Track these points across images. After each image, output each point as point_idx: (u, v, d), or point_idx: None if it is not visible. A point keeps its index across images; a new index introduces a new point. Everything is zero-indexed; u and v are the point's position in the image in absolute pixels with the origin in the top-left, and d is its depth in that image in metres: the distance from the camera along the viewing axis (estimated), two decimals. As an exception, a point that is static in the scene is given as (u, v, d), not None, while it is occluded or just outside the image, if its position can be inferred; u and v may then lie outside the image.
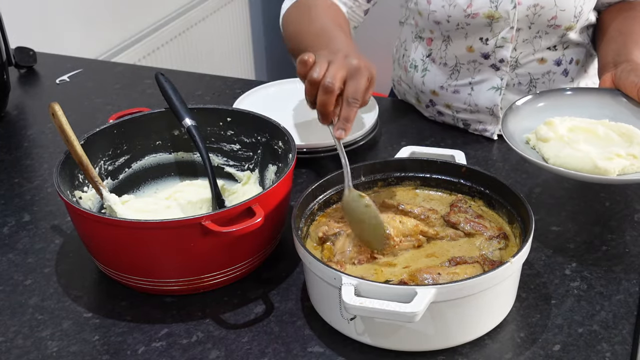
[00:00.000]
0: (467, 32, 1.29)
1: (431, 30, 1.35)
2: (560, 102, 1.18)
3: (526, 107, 1.17)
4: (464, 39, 1.31)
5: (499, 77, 1.32)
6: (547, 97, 1.19)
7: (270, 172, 1.15)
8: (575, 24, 1.28)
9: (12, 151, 1.40)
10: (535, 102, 1.18)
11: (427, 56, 1.38)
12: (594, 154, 1.04)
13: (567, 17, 1.26)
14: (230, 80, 1.64)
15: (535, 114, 1.16)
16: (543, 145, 1.09)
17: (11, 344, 0.96)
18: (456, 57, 1.34)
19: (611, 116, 1.13)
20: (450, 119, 1.41)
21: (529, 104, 1.18)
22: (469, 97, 1.35)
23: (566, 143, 1.07)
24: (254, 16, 3.09)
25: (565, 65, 1.35)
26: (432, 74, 1.38)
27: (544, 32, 1.29)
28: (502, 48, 1.29)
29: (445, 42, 1.34)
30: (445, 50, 1.35)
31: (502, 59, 1.30)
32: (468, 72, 1.34)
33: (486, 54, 1.31)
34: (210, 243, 0.96)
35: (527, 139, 1.12)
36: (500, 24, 1.27)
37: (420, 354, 0.91)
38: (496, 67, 1.32)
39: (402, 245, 0.99)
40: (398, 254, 0.98)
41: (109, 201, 1.07)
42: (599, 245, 1.08)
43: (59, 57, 1.80)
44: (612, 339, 0.92)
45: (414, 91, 1.44)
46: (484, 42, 1.30)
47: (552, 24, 1.27)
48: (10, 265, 1.10)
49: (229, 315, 0.99)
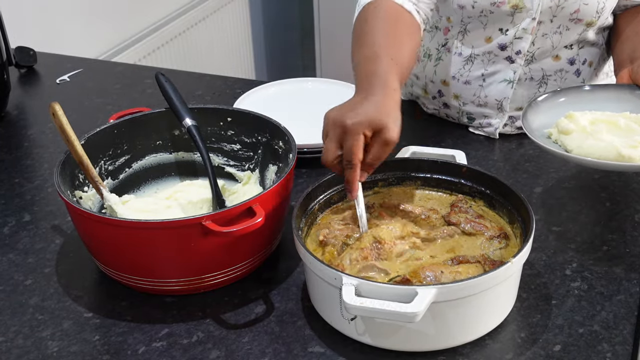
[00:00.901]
0: (488, 20, 1.29)
1: (448, 19, 1.34)
2: (579, 98, 1.19)
3: (546, 103, 1.18)
4: (483, 29, 1.31)
5: (512, 70, 1.32)
6: (566, 93, 1.20)
7: (270, 172, 1.15)
8: (596, 20, 1.28)
9: (12, 151, 1.40)
10: (555, 98, 1.19)
11: (442, 45, 1.38)
12: (618, 142, 1.04)
13: (590, 11, 1.27)
14: (231, 80, 1.64)
15: (555, 109, 1.16)
16: (565, 138, 1.09)
17: (11, 344, 0.96)
18: (472, 47, 1.34)
19: (631, 109, 1.14)
20: (455, 112, 1.41)
21: (549, 100, 1.18)
22: (480, 89, 1.36)
23: (589, 134, 1.07)
24: (254, 16, 3.09)
25: (578, 65, 1.35)
26: (445, 64, 1.38)
27: (565, 28, 1.29)
28: (521, 40, 1.29)
29: (462, 33, 1.34)
30: (462, 40, 1.34)
31: (520, 50, 1.30)
32: (482, 64, 1.34)
33: (504, 45, 1.31)
34: (211, 243, 0.96)
35: (549, 133, 1.13)
36: (522, 15, 1.27)
37: (420, 354, 0.91)
38: (511, 59, 1.31)
39: (398, 248, 0.98)
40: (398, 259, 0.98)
41: (109, 201, 1.07)
42: (599, 246, 1.08)
43: (59, 56, 1.80)
44: (613, 339, 0.92)
45: (422, 82, 1.44)
46: (503, 33, 1.30)
47: (575, 17, 1.27)
48: (11, 265, 1.10)
49: (229, 315, 0.99)
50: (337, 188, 1.06)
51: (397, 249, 0.98)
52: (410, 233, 1.00)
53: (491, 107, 1.36)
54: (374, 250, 0.97)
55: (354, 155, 0.96)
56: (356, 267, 0.95)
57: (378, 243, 0.97)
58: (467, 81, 1.36)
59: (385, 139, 0.97)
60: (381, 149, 0.98)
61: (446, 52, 1.38)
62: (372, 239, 0.98)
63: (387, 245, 0.97)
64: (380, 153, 0.98)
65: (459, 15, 1.32)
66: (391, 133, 0.97)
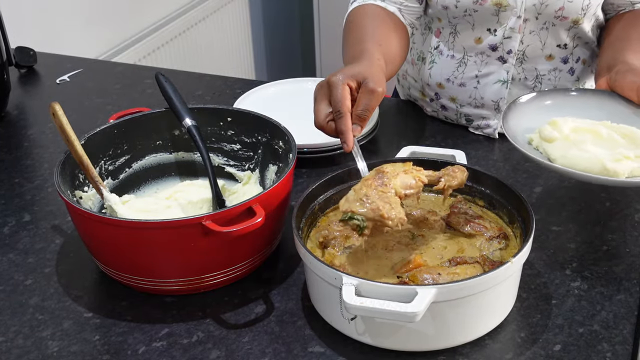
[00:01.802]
0: (474, 20, 1.30)
1: (439, 19, 1.35)
2: (564, 102, 1.17)
3: (529, 105, 1.16)
4: (472, 30, 1.32)
5: (505, 71, 1.33)
6: (552, 95, 1.19)
7: (270, 172, 1.15)
8: (582, 17, 1.28)
9: (12, 151, 1.40)
10: (539, 100, 1.18)
11: (435, 48, 1.39)
12: (602, 155, 1.03)
13: (575, 9, 1.26)
14: (231, 80, 1.64)
15: (538, 112, 1.15)
16: (548, 146, 1.07)
17: (11, 344, 0.96)
18: (464, 48, 1.34)
19: (611, 117, 1.13)
20: (453, 113, 1.41)
21: (533, 102, 1.17)
22: (475, 91, 1.36)
23: (572, 143, 1.06)
24: (254, 16, 3.09)
25: (571, 64, 1.35)
26: (439, 66, 1.39)
27: (551, 24, 1.29)
28: (510, 39, 1.30)
29: (453, 34, 1.34)
30: (453, 42, 1.35)
31: (510, 50, 1.31)
32: (475, 65, 1.35)
33: (494, 45, 1.31)
34: (211, 243, 0.96)
35: (529, 139, 1.11)
36: (507, 13, 1.27)
37: (420, 354, 0.91)
38: (503, 59, 1.32)
39: (401, 180, 0.96)
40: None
41: (109, 201, 1.07)
42: (599, 245, 1.08)
43: (59, 57, 1.80)
44: (613, 339, 0.92)
45: (419, 84, 1.44)
46: (492, 33, 1.30)
47: (560, 15, 1.27)
48: (11, 265, 1.10)
49: (229, 315, 0.99)
50: (337, 188, 1.06)
51: (400, 180, 0.96)
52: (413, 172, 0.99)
53: (488, 108, 1.36)
54: (378, 179, 0.95)
55: (341, 104, 1.01)
56: (359, 194, 0.94)
57: (381, 173, 0.96)
58: (462, 83, 1.37)
59: (370, 88, 1.02)
60: (368, 98, 1.02)
61: (439, 55, 1.38)
62: (375, 172, 0.97)
63: (389, 175, 0.96)
64: (368, 102, 1.02)
65: (444, 16, 1.32)
66: (375, 81, 1.03)
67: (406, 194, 0.96)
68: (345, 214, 0.93)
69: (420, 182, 0.97)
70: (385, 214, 0.91)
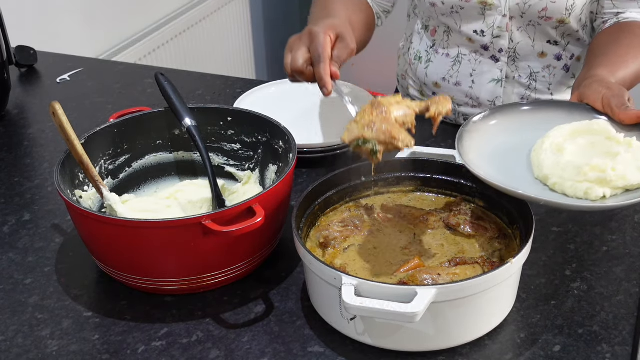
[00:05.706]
0: (461, 18, 1.31)
1: (430, 17, 1.36)
2: (512, 119, 1.09)
3: (480, 125, 1.08)
4: (461, 28, 1.33)
5: (498, 69, 1.34)
6: (499, 114, 1.10)
7: (270, 172, 1.15)
8: (567, 17, 1.28)
9: (12, 150, 1.40)
10: (487, 120, 1.09)
11: (431, 47, 1.40)
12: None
13: (559, 9, 1.27)
14: (231, 79, 1.64)
15: (488, 132, 1.07)
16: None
17: (11, 343, 0.96)
18: (458, 47, 1.35)
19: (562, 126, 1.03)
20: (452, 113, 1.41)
21: (483, 122, 1.09)
22: (470, 90, 1.37)
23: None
24: (254, 16, 3.09)
25: (565, 61, 1.35)
26: (435, 66, 1.40)
27: (537, 23, 1.30)
28: (500, 38, 1.32)
29: (447, 33, 1.35)
30: (447, 41, 1.36)
31: (501, 48, 1.33)
32: (469, 64, 1.36)
33: (485, 45, 1.33)
34: (211, 243, 0.96)
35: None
36: (492, 12, 1.29)
37: (420, 354, 0.91)
38: (496, 58, 1.33)
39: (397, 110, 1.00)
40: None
41: (109, 200, 1.07)
42: (599, 246, 1.08)
43: (60, 56, 1.80)
44: (613, 340, 0.92)
45: (418, 84, 1.46)
46: (479, 34, 1.32)
47: (543, 15, 1.28)
48: (11, 264, 1.10)
49: (229, 315, 0.99)
50: (337, 188, 1.06)
51: (395, 109, 1.00)
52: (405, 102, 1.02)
53: (485, 107, 1.37)
54: (377, 109, 0.99)
55: (322, 49, 1.07)
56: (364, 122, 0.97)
57: (378, 104, 0.99)
58: (457, 82, 1.38)
59: (347, 43, 1.11)
60: (342, 51, 1.11)
61: (435, 54, 1.40)
62: (371, 104, 0.99)
63: (386, 104, 0.99)
64: (341, 55, 1.11)
65: (433, 13, 1.34)
66: (351, 38, 1.12)
67: (404, 121, 1.00)
68: (357, 139, 0.97)
69: (412, 111, 1.01)
70: (395, 135, 0.96)
